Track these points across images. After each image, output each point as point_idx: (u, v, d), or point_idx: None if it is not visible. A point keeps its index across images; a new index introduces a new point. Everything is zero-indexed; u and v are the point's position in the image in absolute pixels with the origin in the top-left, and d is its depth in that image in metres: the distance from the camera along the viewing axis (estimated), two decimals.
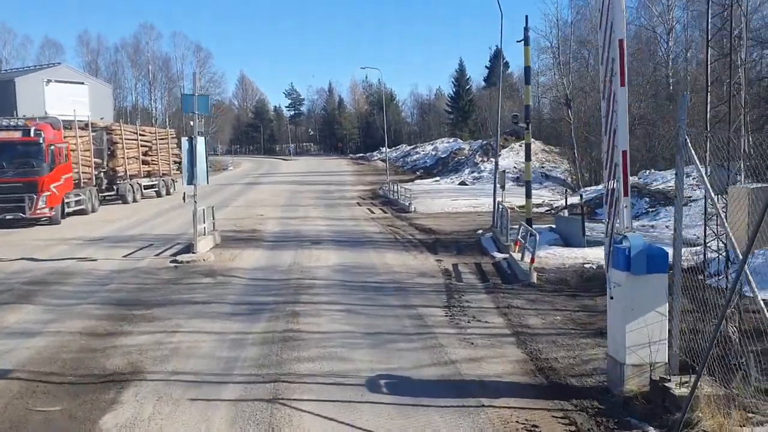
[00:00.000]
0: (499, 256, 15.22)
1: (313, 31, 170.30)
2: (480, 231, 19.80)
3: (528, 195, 18.25)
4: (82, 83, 57.23)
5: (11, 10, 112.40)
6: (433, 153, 61.16)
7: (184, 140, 15.70)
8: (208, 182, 16.17)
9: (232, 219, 24.60)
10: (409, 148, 73.51)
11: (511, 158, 41.04)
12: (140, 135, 36.60)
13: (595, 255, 14.63)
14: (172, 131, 43.54)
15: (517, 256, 14.08)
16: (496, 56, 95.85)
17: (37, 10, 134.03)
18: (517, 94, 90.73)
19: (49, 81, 52.57)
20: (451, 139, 67.93)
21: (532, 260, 12.47)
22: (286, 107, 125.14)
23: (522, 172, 39.18)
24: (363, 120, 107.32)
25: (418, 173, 53.64)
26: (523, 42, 17.84)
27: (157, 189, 37.95)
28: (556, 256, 14.66)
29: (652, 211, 21.57)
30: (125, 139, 34.16)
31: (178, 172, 44.79)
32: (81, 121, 30.36)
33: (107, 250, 17.13)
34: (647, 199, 22.57)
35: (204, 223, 17.23)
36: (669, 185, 23.79)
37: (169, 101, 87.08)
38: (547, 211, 25.73)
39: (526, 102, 18.33)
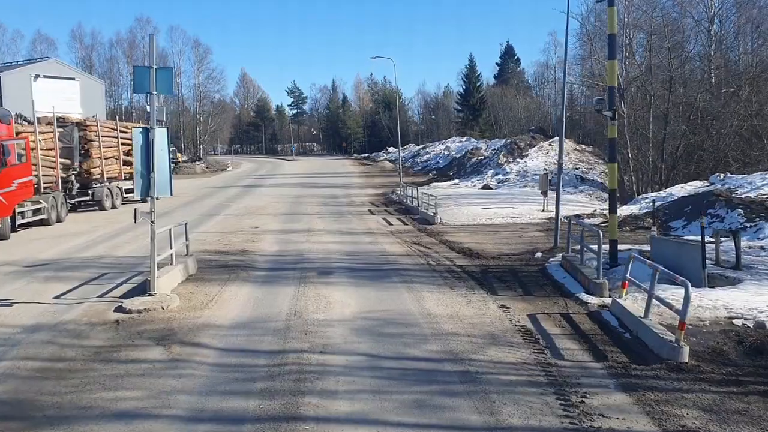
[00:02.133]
0: (592, 301, 10.38)
1: (316, 29, 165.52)
2: (538, 254, 14.96)
3: (613, 209, 13.35)
4: (73, 79, 52.80)
5: (1, 4, 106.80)
6: (446, 153, 56.29)
7: (136, 132, 10.88)
8: (171, 193, 11.31)
9: (221, 233, 19.81)
10: (418, 147, 68.70)
11: (540, 158, 36.18)
12: (121, 132, 31.81)
13: (743, 302, 9.77)
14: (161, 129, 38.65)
15: (632, 307, 9.25)
16: (507, 53, 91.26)
17: (29, 4, 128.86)
18: (529, 93, 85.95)
19: (37, 76, 48.19)
20: (464, 138, 63.07)
21: (682, 326, 7.62)
22: (288, 106, 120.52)
23: (555, 175, 34.36)
24: (368, 119, 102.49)
25: (431, 175, 48.79)
26: (606, 2, 13.05)
27: None
28: (680, 303, 9.78)
29: (752, 227, 16.71)
30: (102, 136, 29.41)
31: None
32: (42, 114, 25.68)
33: (40, 284, 12.31)
34: (740, 211, 17.69)
35: (172, 248, 12.40)
36: (762, 192, 18.96)
37: (167, 98, 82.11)
38: (603, 223, 20.84)
39: (611, 82, 13.40)
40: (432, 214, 22.10)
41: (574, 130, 55.64)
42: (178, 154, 73.47)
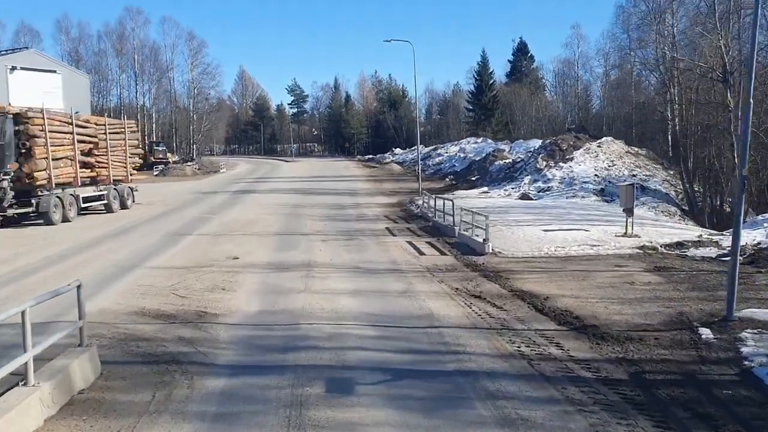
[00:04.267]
0: None
1: (317, 26, 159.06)
2: (707, 334, 8.52)
3: None
4: (55, 71, 46.49)
5: None
6: (461, 155, 49.90)
7: None
8: None
9: (181, 270, 13.41)
10: (428, 149, 62.24)
11: (588, 163, 29.74)
12: (79, 126, 25.43)
13: None
14: (131, 123, 32.22)
15: None
16: (520, 50, 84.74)
17: None
18: (543, 91, 79.37)
19: (13, 68, 41.87)
20: (479, 139, 56.70)
21: None
22: (288, 104, 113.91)
23: (609, 183, 28.00)
24: (372, 119, 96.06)
25: (448, 180, 42.45)
26: None
27: (106, 202, 26.79)
28: None
29: None
30: (51, 131, 23.07)
31: (140, 176, 33.65)
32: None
33: None
34: None
35: (27, 351, 5.93)
36: None
37: (158, 93, 75.80)
38: (722, 256, 14.42)
39: None
40: (481, 241, 15.65)
41: (600, 132, 49.32)
42: (168, 154, 67.13)
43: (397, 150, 74.74)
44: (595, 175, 28.36)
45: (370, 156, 79.48)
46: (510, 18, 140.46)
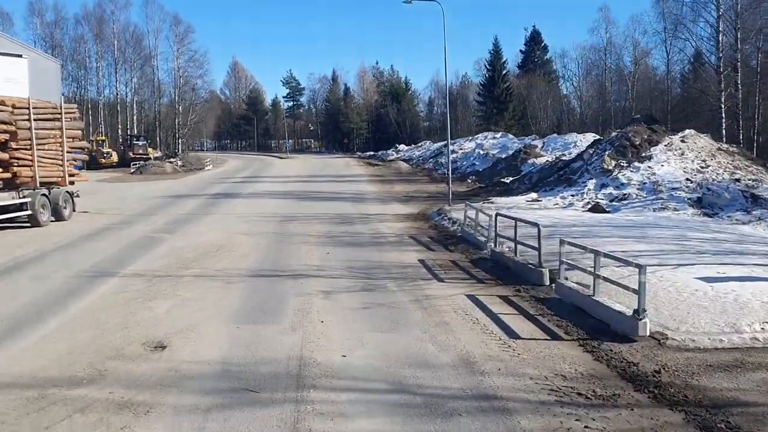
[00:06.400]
0: None
1: (315, 14, 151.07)
2: None
3: None
4: (20, 56, 38.96)
5: None
6: (481, 152, 42.54)
7: None
8: None
9: (13, 402, 5.98)
10: (438, 144, 55.07)
11: (673, 162, 22.25)
12: None
13: None
14: (72, 107, 24.58)
15: None
16: (533, 39, 77.35)
17: None
18: (557, 83, 71.94)
19: None
20: (498, 134, 49.44)
21: None
22: (283, 97, 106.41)
23: (707, 190, 20.63)
24: (373, 113, 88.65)
25: (470, 181, 35.06)
26: None
27: (31, 212, 19.35)
28: None
29: None
30: None
31: (83, 177, 25.95)
32: None
33: None
34: None
35: None
36: None
37: (140, 83, 68.13)
38: None
39: None
40: (626, 313, 8.24)
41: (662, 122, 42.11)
42: (150, 150, 59.64)
43: (401, 146, 67.64)
44: (687, 179, 21.02)
45: (372, 153, 72.30)
46: (519, 13, 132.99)
